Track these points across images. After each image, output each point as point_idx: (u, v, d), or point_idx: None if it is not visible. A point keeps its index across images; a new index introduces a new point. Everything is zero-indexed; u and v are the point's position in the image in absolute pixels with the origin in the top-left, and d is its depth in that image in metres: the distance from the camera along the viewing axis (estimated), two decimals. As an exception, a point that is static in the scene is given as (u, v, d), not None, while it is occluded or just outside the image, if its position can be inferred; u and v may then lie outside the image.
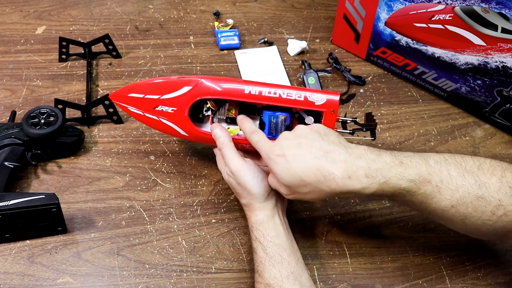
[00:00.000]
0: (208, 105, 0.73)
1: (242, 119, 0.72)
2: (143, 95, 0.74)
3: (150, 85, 0.74)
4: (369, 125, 0.74)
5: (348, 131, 0.75)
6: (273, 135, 0.73)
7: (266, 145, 0.65)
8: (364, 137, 0.76)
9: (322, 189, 0.60)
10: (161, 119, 0.74)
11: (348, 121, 0.74)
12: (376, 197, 0.61)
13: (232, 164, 0.68)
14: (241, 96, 0.71)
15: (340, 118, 0.73)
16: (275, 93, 0.71)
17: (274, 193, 0.69)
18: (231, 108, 0.74)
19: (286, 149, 0.62)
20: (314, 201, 0.77)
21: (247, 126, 0.70)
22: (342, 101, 0.73)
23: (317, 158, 0.60)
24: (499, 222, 0.58)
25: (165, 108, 0.73)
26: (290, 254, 0.64)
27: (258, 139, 0.67)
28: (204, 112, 0.74)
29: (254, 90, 0.71)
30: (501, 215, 0.57)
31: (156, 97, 0.73)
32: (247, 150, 0.74)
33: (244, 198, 0.69)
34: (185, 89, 0.72)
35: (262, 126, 0.74)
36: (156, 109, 0.73)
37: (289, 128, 0.73)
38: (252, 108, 0.74)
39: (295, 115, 0.73)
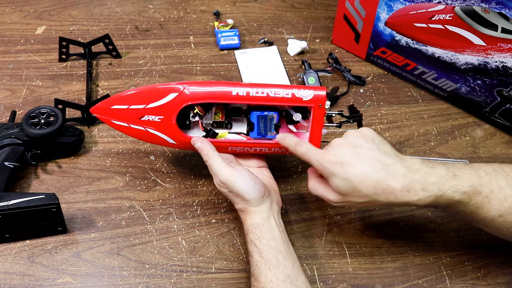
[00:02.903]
0: (196, 110, 0.72)
1: (282, 137, 0.71)
2: (127, 106, 0.72)
3: (134, 95, 0.72)
4: (355, 116, 0.75)
5: (335, 125, 0.75)
6: (262, 135, 0.73)
7: (317, 153, 0.64)
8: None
9: (378, 200, 0.61)
10: (147, 129, 0.72)
11: (334, 115, 0.75)
12: (430, 207, 0.63)
13: (221, 174, 0.67)
14: (229, 98, 0.70)
15: (326, 112, 0.73)
16: (262, 93, 0.70)
17: (268, 196, 0.69)
18: (218, 112, 0.74)
19: (343, 157, 0.61)
20: (364, 208, 0.77)
21: (290, 140, 0.69)
22: (327, 95, 0.74)
23: (377, 170, 0.60)
24: None
25: (151, 117, 0.71)
26: (286, 257, 0.64)
27: (306, 148, 0.66)
28: (191, 118, 0.73)
29: (242, 91, 0.70)
30: None
31: (141, 106, 0.71)
32: (237, 153, 0.74)
33: (238, 204, 0.68)
34: (171, 96, 0.70)
35: (250, 127, 0.73)
36: (142, 119, 0.72)
37: (278, 127, 0.74)
38: (239, 110, 0.74)
39: (283, 113, 0.74)
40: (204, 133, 0.74)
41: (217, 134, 0.73)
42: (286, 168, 0.84)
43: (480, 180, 0.60)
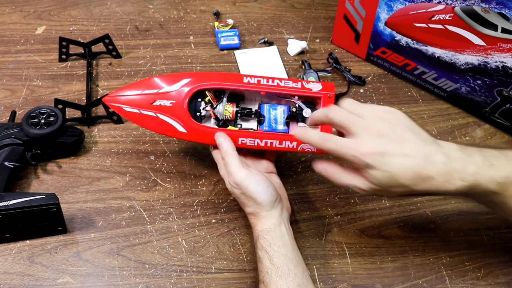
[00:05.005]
0: (208, 97, 0.72)
1: (303, 131, 0.63)
2: (140, 91, 0.72)
3: (147, 80, 0.72)
4: None
5: None
6: (272, 128, 0.73)
7: (350, 145, 0.58)
8: None
9: (415, 189, 0.58)
10: (158, 115, 0.72)
11: None
12: (462, 196, 0.60)
13: (236, 174, 0.66)
14: (240, 85, 0.71)
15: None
16: (273, 82, 0.71)
17: (280, 201, 0.68)
18: (228, 106, 0.73)
19: (380, 147, 0.57)
20: (396, 197, 0.72)
21: (314, 135, 0.62)
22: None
23: (417, 160, 0.57)
24: None
25: (163, 102, 0.71)
26: (297, 265, 0.63)
27: (335, 142, 0.59)
28: (202, 110, 0.73)
29: (253, 79, 0.72)
30: None
31: (154, 91, 0.72)
32: (248, 148, 0.74)
33: (249, 207, 0.67)
34: (184, 81, 0.71)
35: (261, 120, 0.74)
36: (154, 104, 0.72)
37: (288, 121, 0.74)
38: (249, 112, 0.74)
39: (293, 109, 0.74)
40: (215, 121, 0.74)
41: (228, 125, 0.74)
42: (286, 168, 0.84)
43: None
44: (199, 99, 0.73)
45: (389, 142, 0.58)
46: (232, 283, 0.70)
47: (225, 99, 0.73)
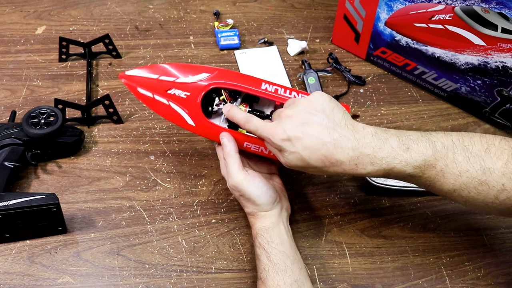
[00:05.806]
0: (223, 96, 0.72)
1: (230, 108, 0.69)
2: (158, 76, 0.71)
3: (168, 65, 0.72)
4: None
5: None
6: None
7: (266, 129, 0.63)
8: None
9: (328, 171, 0.61)
10: (170, 103, 0.71)
11: None
12: (382, 177, 0.63)
13: (235, 177, 0.67)
14: (257, 90, 0.71)
15: None
16: (290, 93, 0.71)
17: (279, 201, 0.69)
18: (242, 106, 0.73)
19: (291, 132, 0.60)
20: (314, 174, 0.77)
21: (240, 115, 0.68)
22: None
23: (324, 144, 0.59)
24: (503, 205, 0.57)
25: (178, 92, 0.71)
26: (294, 262, 0.64)
27: (255, 125, 0.65)
28: (214, 106, 0.73)
29: (271, 87, 0.71)
30: (504, 199, 0.57)
31: (171, 79, 0.71)
32: (251, 154, 0.73)
33: (248, 208, 0.68)
34: (203, 75, 0.71)
35: None
36: (169, 92, 0.71)
37: None
38: (261, 115, 0.74)
39: None
40: (226, 119, 0.73)
41: (239, 128, 0.73)
42: (286, 168, 0.83)
43: (435, 153, 0.58)
44: (214, 95, 0.73)
45: (298, 127, 0.60)
46: (232, 283, 0.70)
47: (239, 99, 0.73)
